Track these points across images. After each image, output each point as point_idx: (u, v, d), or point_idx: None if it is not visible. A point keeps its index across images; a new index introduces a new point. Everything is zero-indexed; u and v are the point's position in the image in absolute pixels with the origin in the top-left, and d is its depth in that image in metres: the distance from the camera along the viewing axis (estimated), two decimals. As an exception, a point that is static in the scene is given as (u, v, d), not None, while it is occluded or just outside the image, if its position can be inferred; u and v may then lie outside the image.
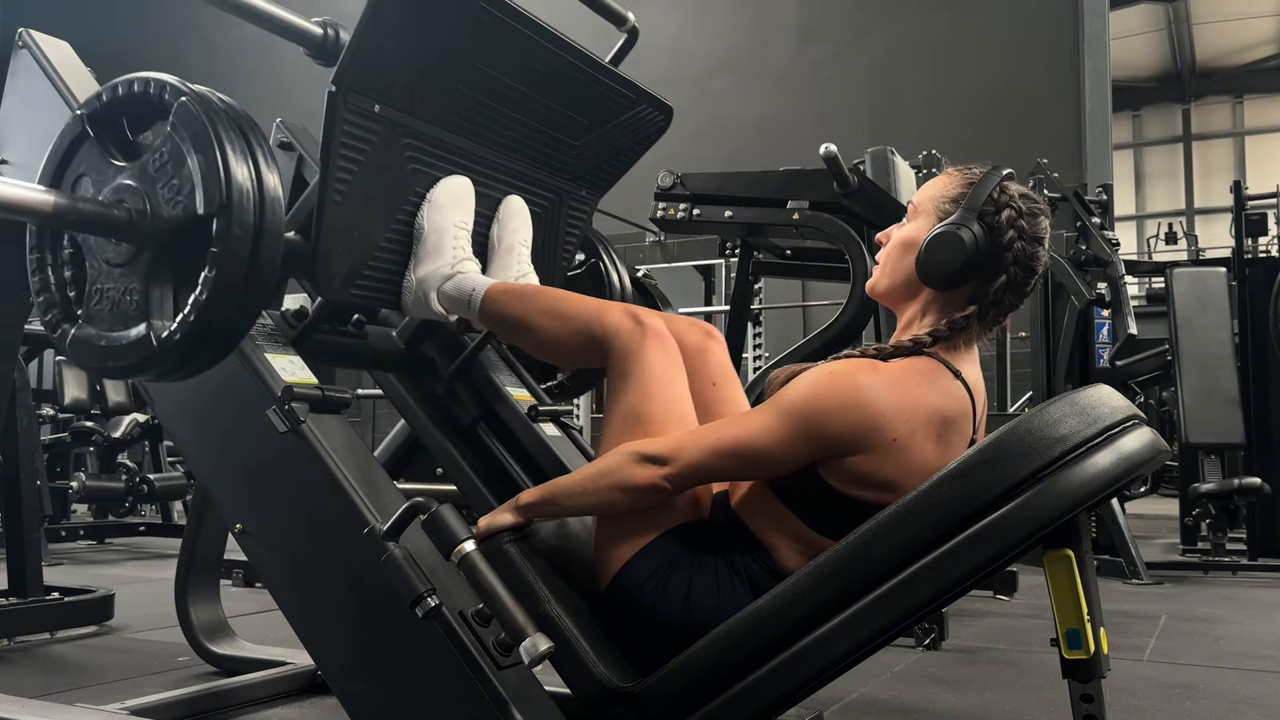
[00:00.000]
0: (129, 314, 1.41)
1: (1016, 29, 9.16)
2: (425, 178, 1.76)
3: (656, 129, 2.04)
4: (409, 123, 1.68)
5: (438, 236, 1.76)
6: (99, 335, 1.43)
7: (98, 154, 1.46)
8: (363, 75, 1.57)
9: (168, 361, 1.38)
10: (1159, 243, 18.36)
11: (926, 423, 1.41)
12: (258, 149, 1.37)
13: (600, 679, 1.43)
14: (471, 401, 2.05)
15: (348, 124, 1.58)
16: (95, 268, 1.45)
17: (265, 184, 1.36)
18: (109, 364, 1.42)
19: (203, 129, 1.35)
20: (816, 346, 3.14)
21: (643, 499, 1.47)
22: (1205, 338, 5.45)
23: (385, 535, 1.47)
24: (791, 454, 1.41)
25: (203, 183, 1.33)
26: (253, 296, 1.36)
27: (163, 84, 1.40)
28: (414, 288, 1.77)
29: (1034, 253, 1.49)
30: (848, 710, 2.44)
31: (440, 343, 2.04)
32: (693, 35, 10.13)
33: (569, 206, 2.06)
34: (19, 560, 3.21)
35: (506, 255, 1.87)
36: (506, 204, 1.91)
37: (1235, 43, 19.82)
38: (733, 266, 5.43)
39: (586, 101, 1.89)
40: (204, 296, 1.33)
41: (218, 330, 1.37)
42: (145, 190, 1.39)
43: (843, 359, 1.48)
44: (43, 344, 5.68)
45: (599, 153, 2.02)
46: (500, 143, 1.86)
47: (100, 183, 1.44)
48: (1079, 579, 1.29)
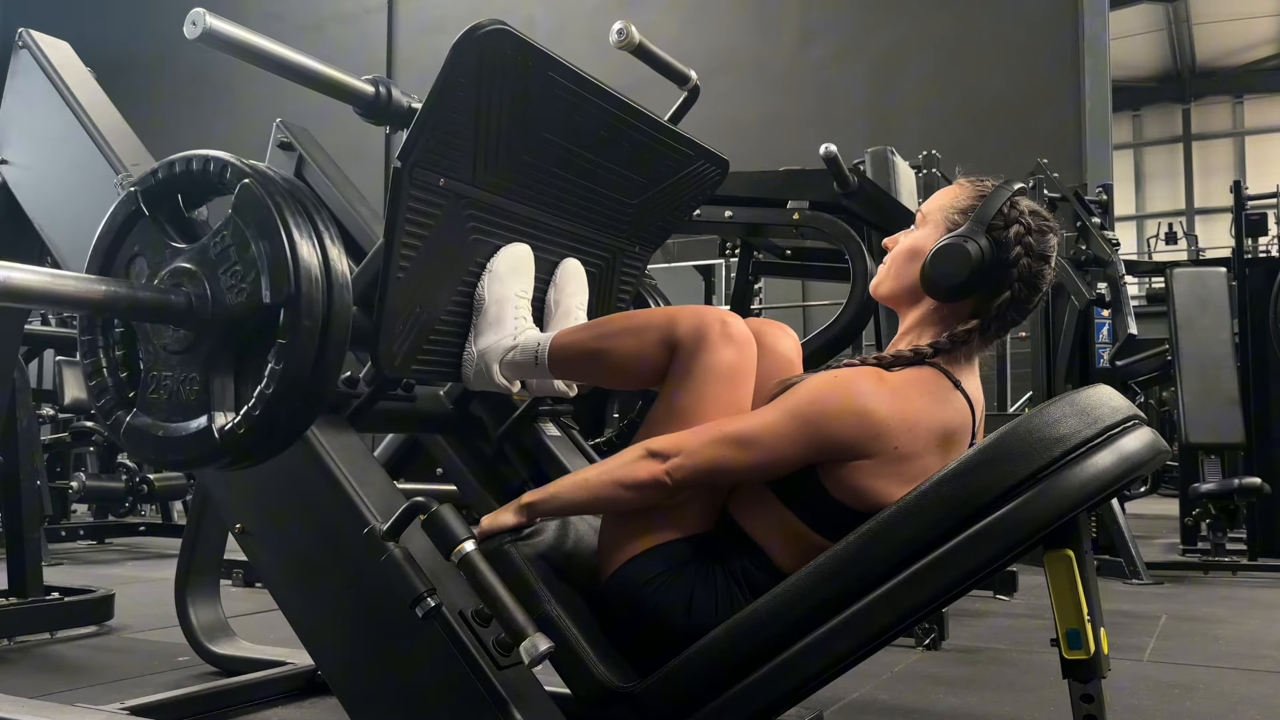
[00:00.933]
0: (188, 404, 1.36)
1: (1017, 29, 9.16)
2: (486, 247, 1.71)
3: (712, 183, 1.99)
4: (473, 194, 1.63)
5: (499, 308, 1.71)
6: (156, 425, 1.38)
7: (153, 234, 1.41)
8: (429, 149, 1.51)
9: (229, 455, 1.34)
10: (1159, 243, 18.36)
11: (929, 434, 1.42)
12: (324, 232, 1.32)
13: (600, 679, 1.43)
14: (521, 463, 1.99)
15: (413, 199, 1.52)
16: (151, 354, 1.40)
17: (333, 270, 1.31)
18: (167, 455, 1.38)
19: (268, 214, 1.30)
20: (816, 346, 3.13)
21: (645, 495, 1.47)
22: (1205, 338, 5.45)
23: (385, 535, 1.47)
24: (793, 453, 1.41)
25: (269, 270, 1.29)
26: (320, 385, 1.32)
27: (223, 163, 1.36)
28: (475, 360, 1.72)
29: (1040, 270, 1.49)
30: (848, 710, 2.44)
31: (488, 403, 1.99)
32: (693, 35, 10.12)
33: (623, 263, 2.01)
34: (19, 560, 3.21)
35: (564, 319, 1.83)
36: (563, 268, 1.87)
37: (1235, 43, 19.82)
38: (733, 266, 5.42)
39: (646, 161, 1.85)
40: (270, 389, 1.29)
41: (284, 422, 1.32)
42: (205, 274, 1.34)
43: (847, 366, 1.48)
44: (43, 344, 5.69)
45: (654, 209, 1.98)
46: (559, 207, 1.81)
47: (156, 264, 1.39)
48: (1079, 579, 1.30)
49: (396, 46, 11.50)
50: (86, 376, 1.46)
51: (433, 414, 1.97)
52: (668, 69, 2.05)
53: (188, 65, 11.09)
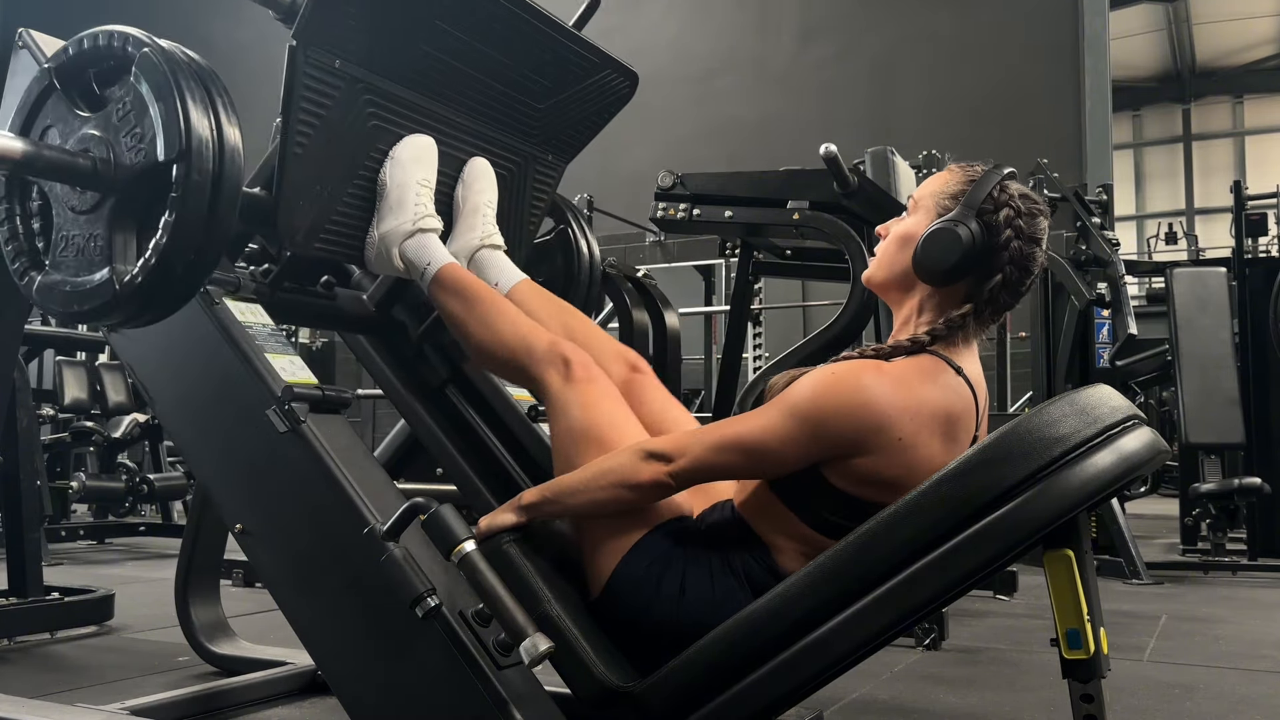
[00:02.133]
0: (93, 259, 1.44)
1: (1016, 29, 9.16)
2: (388, 135, 1.80)
3: (622, 95, 2.06)
4: (370, 79, 1.72)
5: (400, 192, 1.78)
6: (64, 280, 1.46)
7: (64, 106, 1.49)
8: (323, 30, 1.61)
9: (130, 305, 1.41)
10: (1159, 243, 18.35)
11: (931, 420, 1.41)
12: (218, 99, 1.40)
13: (600, 679, 1.43)
14: (440, 363, 2.09)
15: (308, 78, 1.62)
16: (61, 215, 1.48)
17: (225, 133, 1.39)
18: (73, 308, 1.45)
19: (164, 78, 1.38)
20: (816, 347, 3.13)
21: (647, 496, 1.48)
22: (1205, 338, 5.45)
23: (385, 535, 1.47)
24: (795, 453, 1.41)
25: (163, 130, 1.37)
26: (212, 242, 1.40)
27: (126, 36, 1.43)
28: (376, 243, 1.80)
29: (1030, 253, 1.49)
30: (848, 710, 2.44)
31: (410, 305, 2.09)
32: (693, 35, 10.13)
33: (535, 171, 2.09)
34: (19, 560, 3.21)
35: (471, 216, 1.89)
36: (471, 165, 1.93)
37: (1235, 43, 19.82)
38: (733, 266, 5.42)
39: (550, 65, 1.91)
40: (164, 240, 1.36)
41: (178, 274, 1.39)
42: (109, 139, 1.43)
43: (845, 360, 1.48)
44: (43, 344, 5.68)
45: (564, 118, 2.05)
46: (464, 104, 1.89)
47: (67, 133, 1.48)
48: (1079, 579, 1.29)
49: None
50: (3, 241, 1.54)
51: (355, 314, 2.07)
52: None
53: (188, 65, 11.06)
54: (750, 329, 7.20)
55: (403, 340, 2.10)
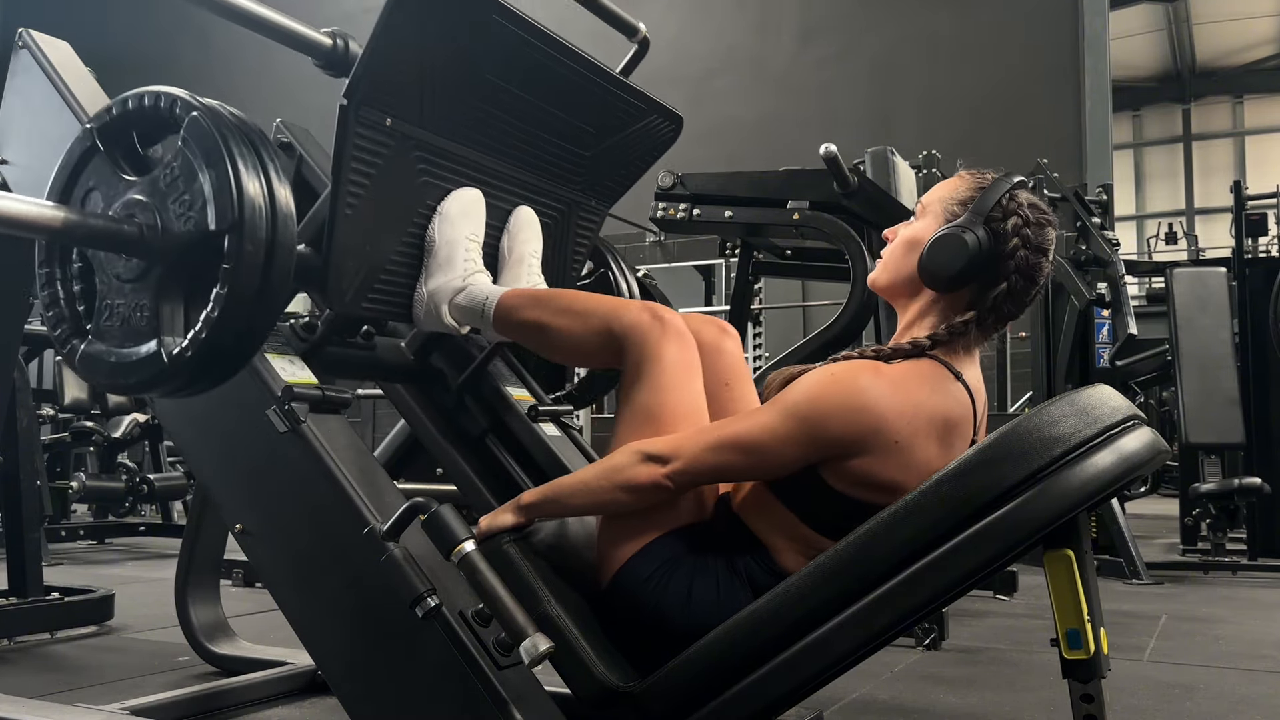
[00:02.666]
0: (139, 330, 1.39)
1: (1016, 29, 9.16)
2: (436, 190, 1.75)
3: (666, 139, 2.01)
4: (420, 135, 1.66)
5: (449, 249, 1.74)
6: (109, 351, 1.41)
7: (108, 168, 1.44)
8: (375, 88, 1.55)
9: (178, 378, 1.37)
10: (1159, 243, 18.36)
11: (928, 424, 1.41)
12: (269, 163, 1.35)
13: (600, 679, 1.43)
14: (480, 413, 2.02)
15: (359, 137, 1.56)
16: (105, 283, 1.43)
17: (278, 199, 1.34)
18: (119, 380, 1.41)
19: (214, 144, 1.33)
20: (816, 346, 3.14)
21: (645, 498, 1.47)
22: (1205, 338, 5.45)
23: (385, 535, 1.47)
24: (793, 453, 1.41)
25: (215, 198, 1.32)
26: (265, 312, 1.35)
27: (174, 98, 1.38)
28: (425, 300, 1.76)
29: (1037, 263, 1.49)
30: (848, 710, 2.44)
31: (449, 354, 2.02)
32: (693, 35, 10.13)
33: (578, 216, 2.04)
34: (19, 560, 3.21)
35: (517, 266, 1.85)
36: (516, 215, 1.89)
37: (1235, 43, 19.82)
38: (733, 266, 5.42)
39: (596, 112, 1.87)
40: (216, 313, 1.31)
41: (229, 347, 1.35)
42: (156, 205, 1.37)
43: (844, 360, 1.48)
44: (43, 344, 5.68)
45: (609, 163, 2.00)
46: (510, 154, 1.84)
47: (110, 197, 1.42)
48: (1079, 579, 1.29)
49: (396, 46, 11.48)
50: (44, 307, 1.49)
51: (393, 363, 2.01)
52: (616, 19, 2.06)
53: (188, 65, 11.09)
54: (750, 329, 7.21)
55: (442, 389, 2.04)
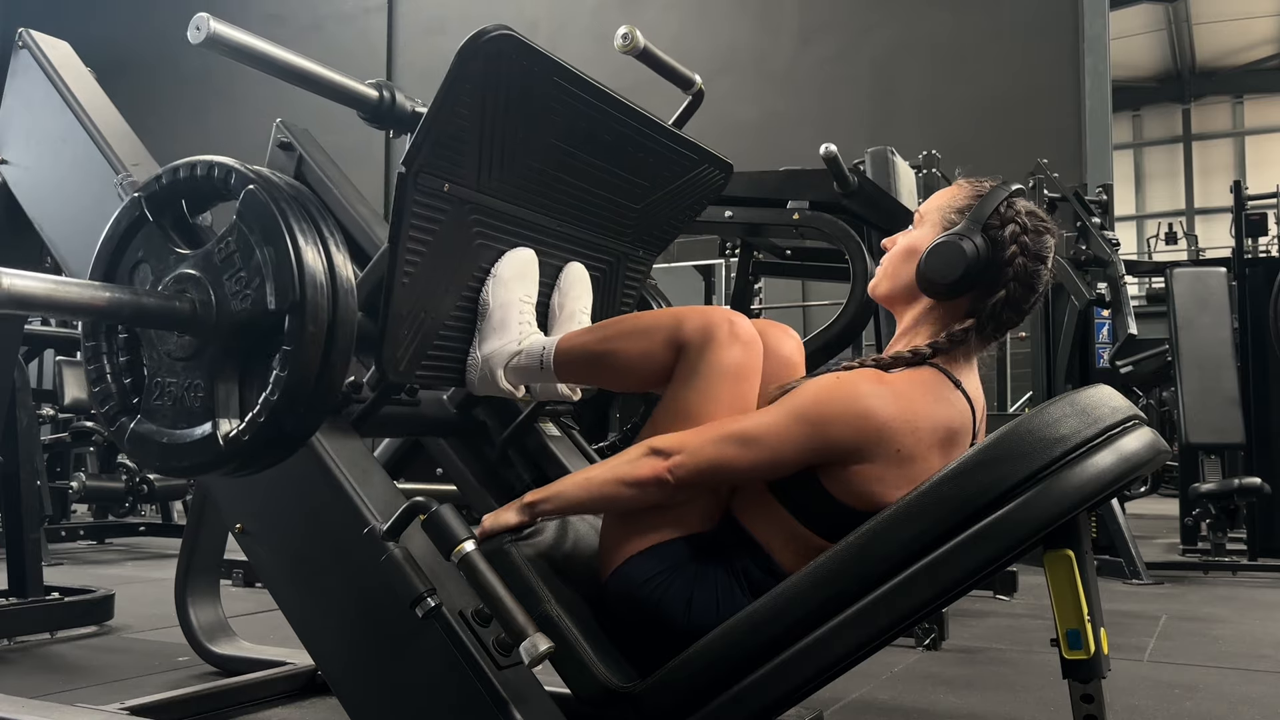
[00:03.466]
0: (193, 411, 1.35)
1: (1017, 29, 9.16)
2: (491, 252, 1.70)
3: (716, 187, 1.98)
4: (477, 199, 1.62)
5: (503, 312, 1.71)
6: (160, 432, 1.38)
7: (158, 240, 1.40)
8: (434, 155, 1.50)
9: (233, 462, 1.34)
10: (1159, 243, 18.37)
11: (931, 435, 1.42)
12: (329, 238, 1.32)
13: (600, 679, 1.43)
14: (525, 467, 1.99)
15: (418, 204, 1.51)
16: (155, 360, 1.40)
17: (338, 276, 1.31)
18: (172, 463, 1.38)
19: (272, 220, 1.29)
20: (816, 347, 3.13)
21: (646, 492, 1.47)
22: (1205, 338, 5.45)
23: (385, 535, 1.47)
24: (793, 454, 1.41)
25: (274, 276, 1.28)
26: (324, 393, 1.32)
27: (228, 169, 1.36)
28: (479, 365, 1.71)
29: (1035, 270, 1.49)
30: (848, 710, 2.44)
31: (492, 407, 1.99)
32: (693, 35, 10.13)
33: (627, 267, 2.01)
34: (19, 560, 3.21)
35: (568, 322, 1.82)
36: (568, 272, 1.86)
37: (1235, 43, 19.82)
38: (733, 266, 5.42)
39: (650, 166, 1.84)
40: (275, 397, 1.28)
41: (288, 430, 1.32)
42: (210, 281, 1.34)
43: (848, 368, 1.48)
44: (43, 344, 5.68)
45: (658, 214, 1.97)
46: (563, 211, 1.81)
47: (160, 271, 1.39)
48: (1079, 579, 1.29)
49: (396, 47, 11.50)
50: (91, 383, 1.44)
51: (437, 418, 1.96)
52: (672, 73, 2.03)
53: (188, 66, 11.08)
54: (750, 329, 7.19)
55: (486, 443, 2.01)
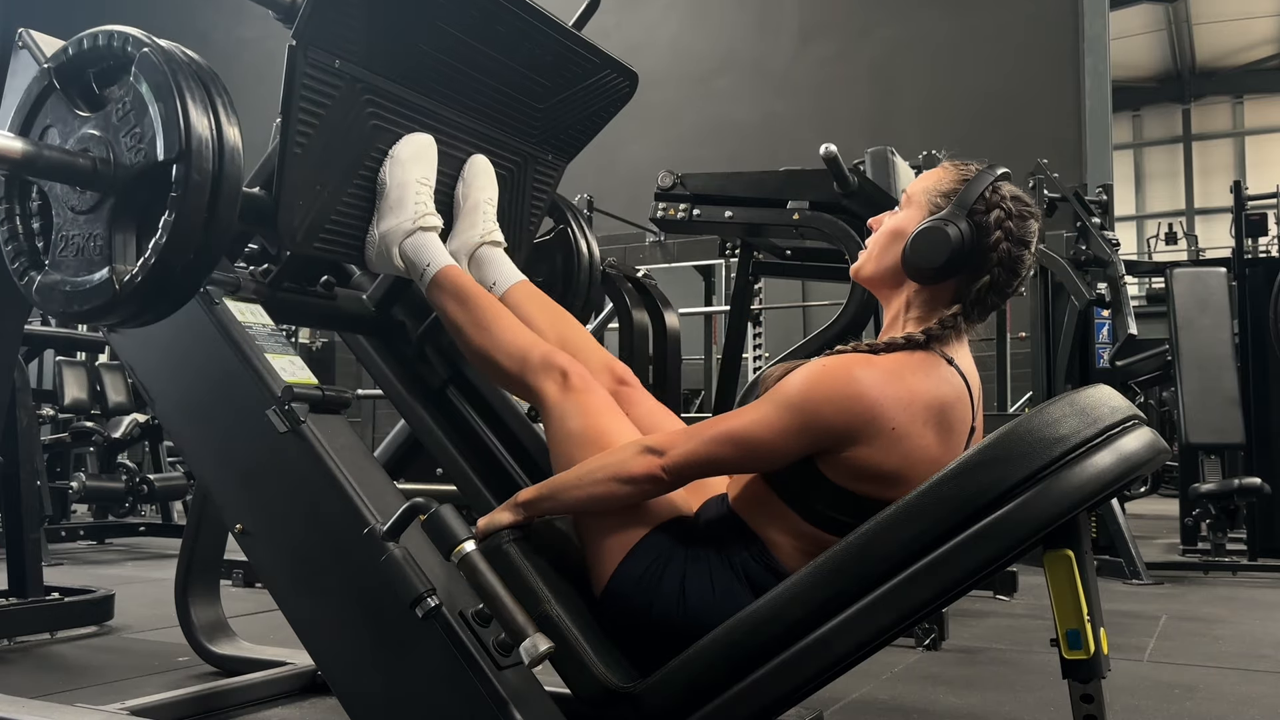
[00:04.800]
0: (93, 259, 1.44)
1: (1017, 29, 9.16)
2: (388, 135, 1.80)
3: (622, 95, 2.07)
4: (370, 79, 1.72)
5: (400, 191, 1.79)
6: (64, 281, 1.46)
7: (63, 105, 1.49)
8: (323, 30, 1.60)
9: (129, 305, 1.41)
10: (1159, 243, 18.37)
11: (925, 411, 1.41)
12: (218, 99, 1.40)
13: (600, 679, 1.43)
14: (440, 364, 2.09)
15: (308, 78, 1.62)
16: (61, 216, 1.48)
17: (225, 133, 1.39)
18: (73, 308, 1.45)
19: (164, 78, 1.38)
20: (817, 346, 3.13)
21: (641, 489, 1.48)
22: (1205, 338, 5.44)
23: (385, 535, 1.47)
24: (788, 445, 1.41)
25: (163, 130, 1.37)
26: (212, 241, 1.39)
27: (126, 36, 1.43)
28: (377, 242, 1.80)
29: (1019, 255, 1.50)
30: (848, 710, 2.44)
31: (410, 306, 2.09)
32: (693, 35, 10.13)
33: (535, 170, 2.09)
34: (19, 560, 3.21)
35: (472, 213, 1.90)
36: (471, 163, 1.94)
37: (1235, 43, 19.82)
38: (733, 266, 5.43)
39: (549, 65, 1.91)
40: (164, 240, 1.36)
41: (177, 274, 1.39)
42: (109, 139, 1.43)
43: (836, 354, 1.49)
44: (43, 344, 5.68)
45: (564, 117, 2.05)
46: (464, 103, 1.89)
47: (66, 133, 1.47)
48: (1079, 579, 1.29)
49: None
50: (3, 241, 1.53)
51: (354, 314, 2.08)
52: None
53: (188, 65, 11.06)
54: (750, 329, 7.20)
55: (403, 340, 2.11)
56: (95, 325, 1.60)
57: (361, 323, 2.10)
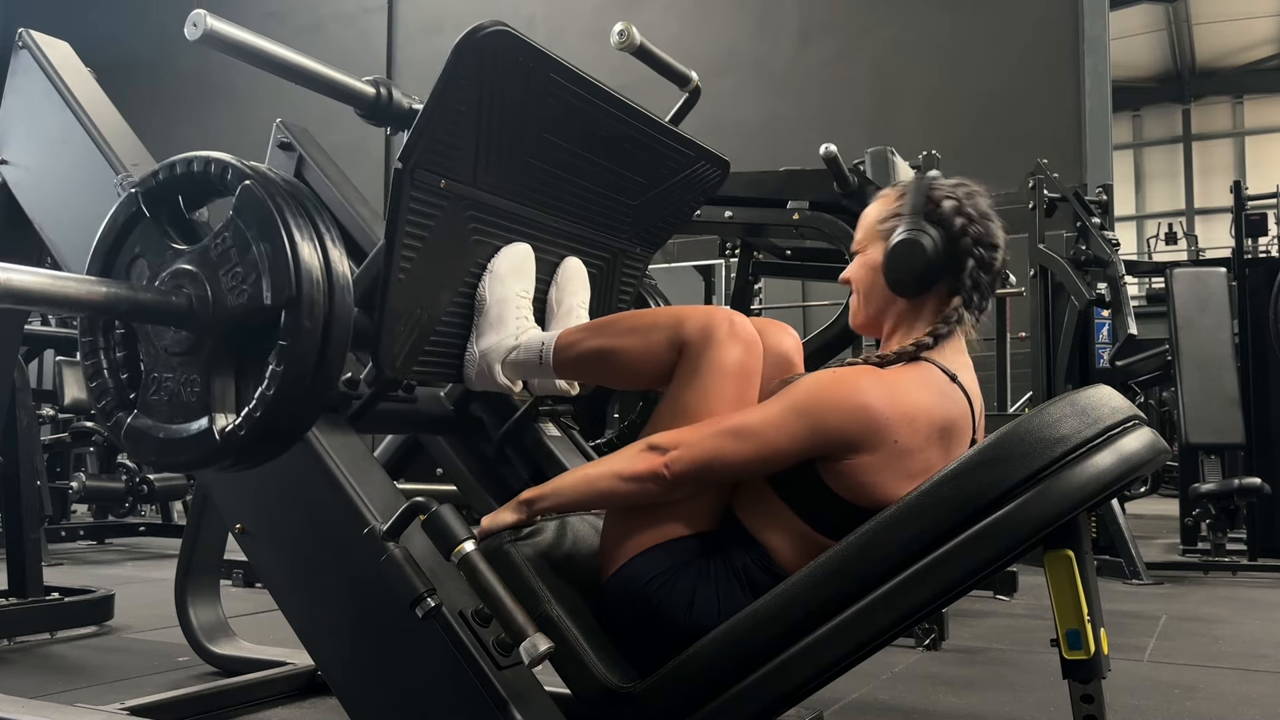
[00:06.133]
0: (189, 406, 1.36)
1: (1017, 29, 9.16)
2: (487, 248, 1.71)
3: (713, 184, 1.99)
4: (474, 195, 1.63)
5: (500, 308, 1.72)
6: (157, 427, 1.39)
7: (154, 235, 1.41)
8: (430, 150, 1.51)
9: (229, 456, 1.35)
10: (1159, 243, 18.38)
11: (929, 427, 1.42)
12: (325, 234, 1.33)
13: (600, 679, 1.43)
14: (522, 464, 1.99)
15: (414, 200, 1.52)
16: (152, 355, 1.41)
17: (334, 272, 1.32)
18: (168, 458, 1.39)
19: (269, 215, 1.30)
20: (817, 346, 3.14)
21: (644, 487, 1.47)
22: (1205, 338, 5.44)
23: (385, 535, 1.47)
24: (791, 447, 1.41)
25: (270, 272, 1.29)
26: (320, 388, 1.33)
27: (224, 165, 1.36)
28: (477, 361, 1.72)
29: (988, 228, 1.52)
30: (848, 710, 2.44)
31: (489, 404, 1.99)
32: (693, 35, 10.13)
33: (624, 264, 2.02)
34: (19, 560, 3.21)
35: (566, 318, 1.83)
36: (565, 267, 1.87)
37: (1235, 43, 19.82)
38: (733, 266, 5.42)
39: (647, 163, 1.85)
40: (271, 391, 1.29)
41: (284, 424, 1.33)
42: (206, 276, 1.35)
43: (848, 365, 1.49)
44: (43, 344, 5.68)
45: (655, 210, 1.98)
46: (560, 208, 1.82)
47: (157, 266, 1.40)
48: (1079, 579, 1.30)
49: (396, 46, 11.50)
50: (87, 378, 1.46)
51: (434, 415, 1.96)
52: (669, 70, 2.04)
53: (188, 65, 11.08)
54: (750, 329, 7.19)
55: (483, 440, 2.01)
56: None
57: (442, 424, 1.99)
